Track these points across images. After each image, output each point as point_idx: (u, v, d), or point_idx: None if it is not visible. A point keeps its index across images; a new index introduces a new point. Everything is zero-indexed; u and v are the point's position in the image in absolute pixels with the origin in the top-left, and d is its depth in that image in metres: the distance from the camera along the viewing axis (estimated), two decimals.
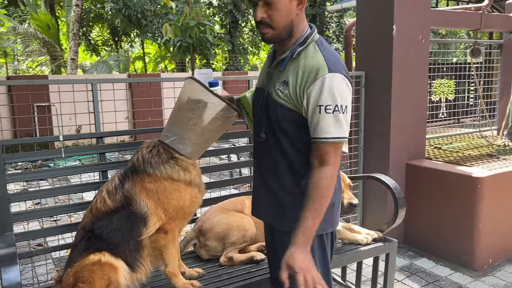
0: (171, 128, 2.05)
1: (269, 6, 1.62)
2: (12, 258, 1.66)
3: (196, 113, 1.94)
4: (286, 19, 1.65)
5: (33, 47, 15.71)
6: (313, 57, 1.66)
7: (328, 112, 1.59)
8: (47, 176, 2.66)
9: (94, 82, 2.88)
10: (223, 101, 1.95)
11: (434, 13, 4.11)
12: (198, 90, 1.93)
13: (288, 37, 1.69)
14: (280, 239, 1.83)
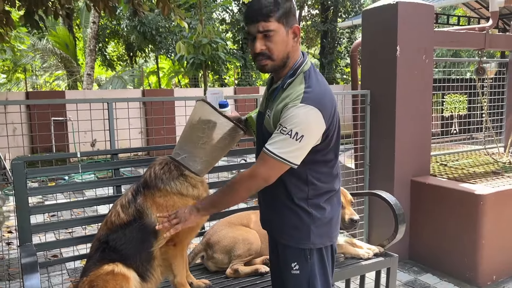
0: (183, 146, 2.20)
1: (268, 38, 1.72)
2: (34, 267, 1.81)
3: (206, 133, 2.09)
4: (283, 51, 1.76)
5: (50, 62, 16.18)
6: (296, 88, 1.76)
7: (282, 132, 1.69)
8: (65, 191, 2.81)
9: (110, 101, 3.05)
10: (231, 121, 2.10)
11: (438, 34, 4.23)
12: (209, 111, 2.09)
13: (283, 67, 1.81)
14: (282, 252, 1.94)
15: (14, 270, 4.13)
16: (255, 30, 1.73)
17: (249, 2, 1.78)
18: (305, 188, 1.83)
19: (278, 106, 1.78)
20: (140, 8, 4.64)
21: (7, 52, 9.50)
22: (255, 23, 1.72)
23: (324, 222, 1.87)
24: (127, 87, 16.14)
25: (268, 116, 1.84)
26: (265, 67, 1.80)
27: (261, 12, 1.70)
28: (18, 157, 2.38)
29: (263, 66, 1.80)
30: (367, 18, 4.24)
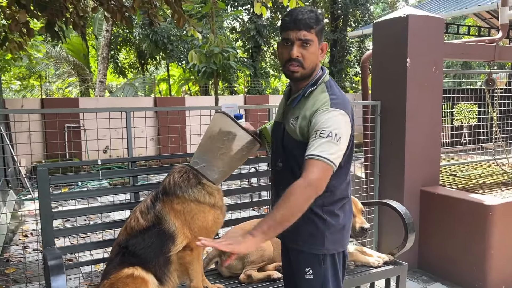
0: (201, 156, 2.30)
1: (305, 47, 1.86)
2: (60, 268, 1.91)
3: (225, 144, 2.19)
4: (314, 62, 1.90)
5: (63, 70, 16.47)
6: (319, 96, 1.90)
7: (322, 136, 1.76)
8: (86, 196, 2.92)
9: (128, 111, 3.16)
10: (250, 134, 2.19)
11: (447, 46, 4.30)
12: (229, 123, 2.18)
13: (308, 77, 1.93)
14: (294, 257, 2.02)
15: (31, 273, 4.23)
16: (295, 37, 1.84)
17: (291, 11, 1.90)
18: (321, 195, 1.91)
19: (305, 113, 1.87)
20: (155, 19, 4.77)
21: (24, 60, 9.70)
22: (297, 30, 1.84)
23: (337, 228, 1.96)
24: (138, 94, 16.35)
25: (292, 125, 1.92)
26: (295, 74, 1.90)
27: (305, 22, 1.83)
28: (42, 163, 2.48)
29: (293, 72, 1.89)
30: (378, 30, 4.33)
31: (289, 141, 1.94)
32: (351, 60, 19.74)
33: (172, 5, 4.29)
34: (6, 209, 5.86)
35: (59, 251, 2.21)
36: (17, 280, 4.13)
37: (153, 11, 4.70)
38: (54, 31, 4.16)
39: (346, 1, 17.55)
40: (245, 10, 16.69)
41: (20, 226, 5.48)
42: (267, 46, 18.54)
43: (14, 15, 4.29)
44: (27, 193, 7.78)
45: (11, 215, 5.87)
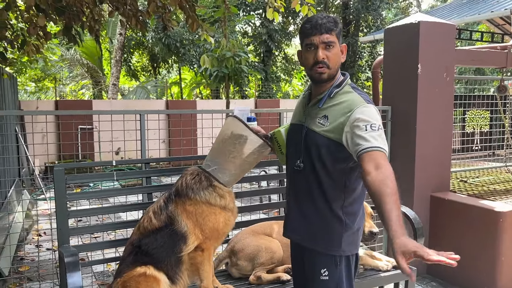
0: (213, 159, 2.34)
1: (329, 49, 1.93)
2: (76, 265, 1.97)
3: (236, 148, 2.24)
4: (338, 62, 1.98)
5: (77, 72, 16.72)
6: (348, 95, 1.96)
7: (373, 128, 1.82)
8: (100, 197, 2.98)
9: (142, 113, 3.23)
10: (261, 138, 2.24)
11: (459, 52, 4.32)
12: (240, 127, 2.23)
13: (333, 78, 1.99)
14: (310, 258, 2.05)
15: (44, 272, 4.31)
16: (318, 41, 1.92)
17: (310, 18, 1.98)
18: (341, 195, 1.97)
19: (337, 112, 1.92)
20: (169, 23, 4.86)
21: (39, 62, 9.89)
22: (320, 34, 1.92)
23: (353, 230, 2.01)
24: (150, 97, 16.51)
25: (320, 124, 1.96)
26: (323, 75, 1.96)
27: (326, 26, 1.92)
28: (59, 164, 2.55)
29: (321, 74, 1.95)
30: (389, 36, 4.35)
31: (316, 140, 1.97)
32: (363, 65, 19.71)
33: (186, 10, 4.36)
34: (20, 208, 5.97)
35: (75, 249, 2.27)
36: (31, 278, 4.22)
37: (167, 16, 4.78)
38: (71, 35, 4.26)
39: (358, 6, 17.56)
40: (257, 14, 16.79)
41: (34, 225, 5.58)
42: (279, 51, 18.59)
43: (32, 19, 4.40)
44: (41, 193, 7.91)
45: (25, 214, 5.98)
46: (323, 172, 1.96)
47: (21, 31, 5.29)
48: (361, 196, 2.05)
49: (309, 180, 2.01)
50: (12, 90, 8.16)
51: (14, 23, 5.85)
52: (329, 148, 1.93)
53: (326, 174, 1.96)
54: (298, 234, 2.12)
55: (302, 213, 2.07)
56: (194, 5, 4.55)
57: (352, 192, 2.00)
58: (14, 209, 5.67)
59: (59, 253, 2.35)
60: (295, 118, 2.17)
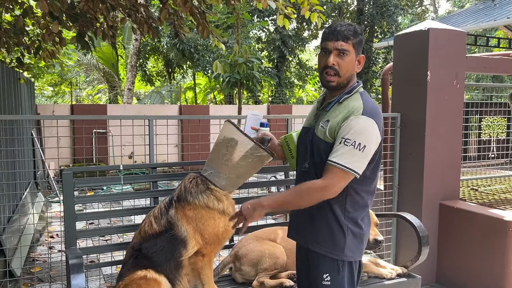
0: (210, 163, 2.39)
1: (341, 57, 1.96)
2: (80, 267, 2.01)
3: (229, 150, 2.28)
4: (349, 71, 2.00)
5: (93, 77, 16.99)
6: (354, 102, 1.99)
7: (346, 144, 1.87)
8: (108, 200, 3.04)
9: (151, 119, 3.29)
10: (252, 140, 2.25)
11: (470, 59, 4.28)
12: (232, 130, 2.27)
13: (344, 87, 2.02)
14: (313, 261, 2.06)
15: (55, 273, 4.39)
16: (332, 46, 1.97)
17: (332, 24, 2.03)
18: (344, 200, 1.99)
19: (337, 118, 1.96)
20: (181, 30, 4.92)
21: (56, 67, 10.09)
22: (335, 41, 1.96)
23: (357, 237, 2.02)
24: (165, 102, 16.67)
25: (322, 127, 2.00)
26: (331, 83, 2.00)
27: (343, 34, 1.95)
28: (68, 168, 2.62)
29: (329, 82, 2.00)
30: (399, 43, 4.34)
31: (318, 143, 2.02)
32: (377, 71, 19.61)
33: (197, 17, 4.42)
34: (34, 210, 6.09)
35: (80, 251, 2.32)
36: (42, 279, 4.30)
37: (179, 22, 4.85)
38: (84, 41, 4.35)
39: (372, 12, 17.51)
40: (271, 20, 16.85)
41: (47, 227, 5.68)
42: (292, 56, 18.62)
43: (47, 25, 4.51)
44: (55, 196, 8.05)
45: (39, 216, 6.09)
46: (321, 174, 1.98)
47: (37, 37, 5.42)
48: (365, 204, 2.06)
49: (313, 179, 2.02)
50: (29, 94, 8.34)
51: (31, 29, 6.00)
52: (328, 151, 1.96)
53: None
54: (303, 236, 2.13)
55: (306, 215, 2.09)
56: (204, 12, 4.60)
57: (355, 197, 2.01)
58: (28, 211, 5.78)
59: (65, 255, 2.40)
60: (307, 122, 2.22)
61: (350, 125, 1.89)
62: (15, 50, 5.92)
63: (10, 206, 5.09)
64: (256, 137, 2.35)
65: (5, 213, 4.65)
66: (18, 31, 4.68)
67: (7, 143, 5.04)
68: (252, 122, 2.44)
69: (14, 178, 5.20)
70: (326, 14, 16.92)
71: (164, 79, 20.64)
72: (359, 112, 1.92)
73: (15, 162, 5.54)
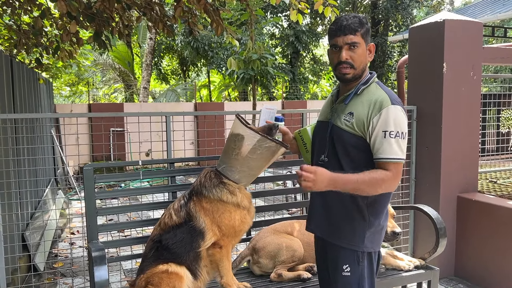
0: (222, 158, 2.44)
1: (353, 50, 1.98)
2: (103, 259, 2.07)
3: (237, 145, 2.31)
4: (363, 62, 2.03)
5: (109, 76, 17.22)
6: (375, 93, 2.01)
7: (392, 137, 1.90)
8: (128, 195, 3.11)
9: (168, 115, 3.34)
10: (257, 133, 2.26)
11: (487, 50, 4.23)
12: (238, 125, 2.30)
13: (359, 78, 2.05)
14: (332, 254, 2.09)
15: (77, 268, 4.50)
16: (342, 42, 1.98)
17: (336, 19, 2.05)
18: None
19: (363, 111, 1.97)
20: (195, 27, 4.97)
21: (73, 67, 10.26)
22: (344, 35, 1.98)
23: (377, 228, 2.05)
24: (180, 99, 16.80)
25: (346, 120, 2.01)
26: (347, 75, 2.02)
27: (350, 27, 1.97)
28: (88, 164, 2.68)
29: (345, 74, 2.02)
30: (414, 35, 4.31)
31: (340, 135, 2.02)
32: (392, 64, 19.42)
33: (211, 14, 4.45)
34: (55, 207, 6.23)
35: (102, 244, 2.38)
36: (64, 274, 4.41)
37: (193, 20, 4.90)
38: (101, 40, 4.43)
39: (387, 6, 17.33)
40: (285, 16, 16.82)
41: (68, 224, 5.81)
42: (306, 52, 18.56)
43: (65, 26, 4.61)
44: (74, 193, 8.21)
45: (60, 213, 6.23)
46: (348, 166, 2.00)
47: (55, 37, 5.53)
48: (387, 195, 2.07)
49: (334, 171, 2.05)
50: (48, 94, 8.51)
51: (49, 30, 6.12)
52: (355, 144, 1.98)
53: (351, 168, 1.99)
54: (322, 229, 2.15)
55: (326, 207, 2.11)
56: (218, 9, 4.64)
57: None
58: (50, 208, 5.92)
59: (88, 248, 2.47)
60: (322, 116, 2.23)
61: (387, 117, 1.91)
62: (34, 51, 6.05)
63: (32, 203, 5.22)
64: (261, 126, 2.36)
65: (28, 209, 4.78)
66: (37, 32, 4.78)
67: (29, 140, 5.16)
68: (266, 116, 2.46)
69: (36, 175, 5.33)
70: (340, 8, 16.81)
71: (179, 77, 20.80)
72: (388, 102, 1.94)
73: (36, 159, 5.68)
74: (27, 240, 4.16)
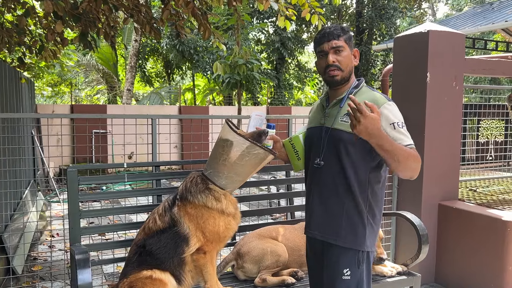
0: (210, 163, 2.42)
1: (339, 53, 2.10)
2: (86, 262, 2.04)
3: (225, 150, 2.29)
4: (349, 65, 2.13)
5: (92, 77, 17.01)
6: (368, 94, 2.12)
7: (400, 127, 2.01)
8: (112, 198, 3.07)
9: (154, 118, 3.32)
10: (247, 139, 2.25)
11: (469, 61, 4.32)
12: (227, 131, 2.29)
13: (347, 81, 2.14)
14: (332, 256, 2.11)
15: (56, 271, 4.41)
16: (328, 47, 2.10)
17: (321, 29, 2.20)
18: (366, 190, 2.06)
19: None
20: (182, 30, 4.96)
21: (56, 67, 10.11)
22: (328, 41, 2.11)
23: (374, 229, 2.10)
24: (164, 102, 16.70)
25: (344, 121, 2.07)
26: (336, 77, 2.11)
27: (333, 33, 2.11)
28: (72, 165, 2.65)
29: (333, 76, 2.11)
30: (399, 45, 4.38)
31: (339, 136, 2.08)
32: (376, 73, 19.69)
33: (198, 18, 4.45)
34: (34, 209, 6.11)
35: (86, 247, 2.35)
36: (43, 278, 4.32)
37: (180, 23, 4.89)
38: (87, 41, 4.38)
39: (371, 15, 17.58)
40: (271, 22, 16.91)
41: (47, 227, 5.70)
42: (292, 58, 18.67)
43: (49, 25, 4.54)
44: (54, 195, 8.07)
45: (39, 215, 6.11)
46: (350, 168, 2.05)
47: (39, 37, 5.45)
48: (382, 195, 2.14)
49: (335, 176, 2.08)
50: (29, 94, 8.36)
51: (33, 29, 6.02)
52: (355, 143, 2.02)
53: (353, 170, 2.05)
54: (322, 231, 2.16)
55: (327, 209, 2.13)
56: (206, 13, 4.64)
57: (375, 190, 2.09)
58: (29, 210, 5.80)
59: (70, 251, 2.43)
60: (313, 123, 2.28)
61: (389, 112, 2.02)
62: (17, 50, 5.94)
63: (11, 204, 5.11)
64: (250, 132, 2.35)
65: (7, 210, 4.67)
66: (20, 31, 4.70)
67: (9, 141, 5.06)
68: (256, 122, 2.46)
69: (15, 176, 5.22)
70: (326, 16, 16.99)
71: (163, 80, 20.66)
72: (384, 100, 2.06)
73: (16, 160, 5.57)
74: (5, 242, 4.07)
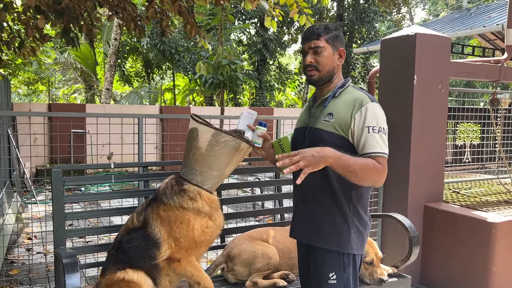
0: (183, 162, 2.35)
1: (317, 54, 2.07)
2: (74, 266, 1.95)
3: (193, 143, 2.22)
4: (329, 65, 2.08)
5: (70, 76, 16.63)
6: (352, 93, 2.07)
7: (375, 132, 1.94)
8: (98, 199, 2.97)
9: (141, 117, 3.23)
10: (210, 126, 2.19)
11: (454, 64, 4.38)
12: (191, 122, 2.24)
13: (329, 81, 2.10)
14: (317, 260, 2.07)
15: (35, 275, 4.26)
16: (307, 46, 2.09)
17: (307, 28, 2.14)
18: (349, 190, 2.01)
19: (344, 110, 2.01)
20: (167, 29, 4.87)
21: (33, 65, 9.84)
22: (309, 41, 2.08)
23: (360, 231, 2.05)
24: (144, 102, 16.46)
25: (325, 121, 2.04)
26: (312, 77, 2.10)
27: (314, 33, 2.08)
28: (57, 166, 2.54)
29: (310, 76, 2.10)
30: (385, 47, 4.41)
31: (320, 135, 2.04)
32: (356, 76, 19.90)
33: (186, 16, 4.38)
34: (11, 211, 5.90)
35: (73, 251, 2.25)
36: (21, 282, 4.16)
37: (165, 21, 4.80)
38: (70, 37, 4.26)
39: (352, 18, 17.78)
40: (252, 23, 16.89)
41: (24, 229, 5.51)
42: (273, 60, 18.70)
43: (29, 21, 4.39)
44: (31, 196, 7.83)
45: (16, 217, 5.91)
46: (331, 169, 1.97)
47: (17, 32, 5.27)
48: (367, 198, 2.11)
49: (316, 177, 2.02)
50: (5, 92, 8.09)
51: (11, 25, 5.83)
52: (336, 143, 1.98)
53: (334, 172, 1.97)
54: (306, 234, 2.13)
55: (309, 211, 2.10)
56: (193, 10, 4.57)
57: (360, 191, 2.05)
58: (5, 212, 5.59)
59: (55, 254, 2.33)
60: (300, 123, 2.25)
61: (368, 113, 1.96)
62: None
63: None
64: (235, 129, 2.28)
65: None
66: None
67: None
68: (247, 120, 2.40)
69: None
70: None
71: (143, 80, 20.39)
72: (367, 100, 2.00)
73: None
74: None
